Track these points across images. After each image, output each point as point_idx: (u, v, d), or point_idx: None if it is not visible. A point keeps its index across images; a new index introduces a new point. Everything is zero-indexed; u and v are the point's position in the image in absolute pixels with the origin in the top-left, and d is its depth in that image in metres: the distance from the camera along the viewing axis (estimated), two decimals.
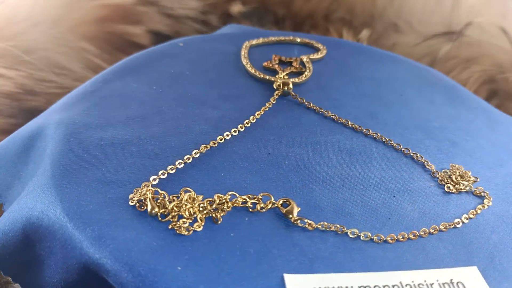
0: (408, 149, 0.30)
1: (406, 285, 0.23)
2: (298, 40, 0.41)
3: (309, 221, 0.25)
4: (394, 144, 0.31)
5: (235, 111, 0.32)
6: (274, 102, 0.33)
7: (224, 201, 0.25)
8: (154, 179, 0.26)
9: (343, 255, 0.24)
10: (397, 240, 0.25)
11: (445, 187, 0.28)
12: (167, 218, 0.24)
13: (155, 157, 0.28)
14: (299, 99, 0.33)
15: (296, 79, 0.35)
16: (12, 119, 0.40)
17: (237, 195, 0.25)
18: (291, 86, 0.33)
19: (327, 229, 0.25)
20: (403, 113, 0.34)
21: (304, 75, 0.35)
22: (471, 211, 0.27)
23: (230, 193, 0.25)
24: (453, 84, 0.39)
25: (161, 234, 0.23)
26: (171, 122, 0.30)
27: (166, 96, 0.33)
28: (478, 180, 0.29)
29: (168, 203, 0.25)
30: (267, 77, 0.35)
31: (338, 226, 0.25)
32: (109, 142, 0.28)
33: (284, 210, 0.25)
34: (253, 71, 0.35)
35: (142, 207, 0.24)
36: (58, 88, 0.42)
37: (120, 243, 0.22)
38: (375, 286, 0.22)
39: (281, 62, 0.37)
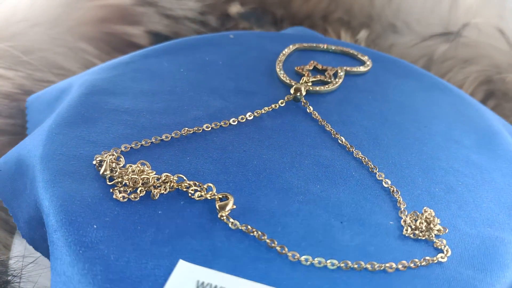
0: (388, 181, 0.28)
1: None
2: (344, 49, 0.39)
3: (234, 221, 0.25)
4: (378, 173, 0.29)
5: (240, 105, 0.32)
6: (281, 105, 0.33)
7: (169, 181, 0.26)
8: (126, 148, 0.28)
9: (249, 261, 0.23)
10: (312, 264, 0.23)
11: (404, 229, 0.26)
12: (113, 182, 0.26)
13: (141, 130, 0.30)
14: (308, 107, 0.33)
15: (317, 88, 0.34)
16: (11, 119, 0.40)
17: (185, 179, 0.26)
18: (303, 92, 0.33)
19: (248, 233, 0.24)
20: (411, 145, 0.31)
21: (327, 86, 0.34)
22: (415, 260, 0.24)
23: (178, 175, 0.26)
24: (495, 130, 0.34)
25: (100, 194, 0.26)
26: (175, 102, 0.32)
27: (186, 79, 0.35)
28: (446, 231, 0.26)
29: (119, 169, 0.26)
30: (288, 80, 0.35)
31: (260, 233, 0.24)
32: (111, 108, 0.31)
33: (218, 204, 0.25)
34: (279, 71, 0.35)
35: (99, 168, 0.27)
36: None
37: (62, 191, 0.25)
38: None
39: (315, 69, 0.36)
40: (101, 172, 0.26)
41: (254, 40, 0.40)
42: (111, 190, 0.26)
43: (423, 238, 0.25)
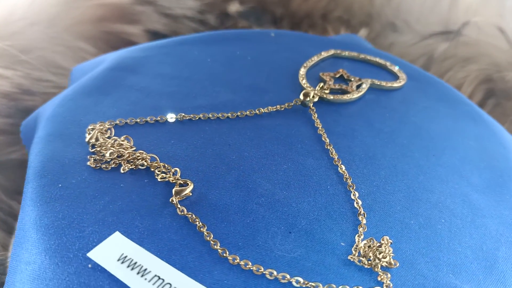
0: (359, 202, 0.27)
1: None
2: (381, 62, 0.38)
3: (182, 207, 0.25)
4: (353, 192, 0.27)
5: (247, 101, 0.33)
6: (287, 107, 0.32)
7: (142, 158, 0.28)
8: (121, 122, 0.30)
9: (180, 248, 0.24)
10: (239, 265, 0.23)
11: (351, 254, 0.24)
12: (93, 150, 0.28)
13: (144, 108, 0.31)
14: (314, 114, 0.32)
15: (332, 96, 0.33)
16: (9, 118, 0.39)
17: (157, 159, 0.28)
18: (314, 99, 0.32)
19: (192, 222, 0.25)
20: (407, 171, 0.29)
21: (342, 96, 0.33)
22: (346, 286, 0.23)
23: (152, 155, 0.28)
24: None
25: (78, 158, 0.28)
26: (186, 89, 0.34)
27: (207, 69, 0.36)
28: (396, 265, 0.24)
29: (102, 139, 0.28)
30: (304, 84, 0.34)
31: (201, 224, 0.25)
32: (126, 85, 0.33)
33: (175, 189, 0.26)
34: (301, 74, 0.35)
35: (87, 135, 0.29)
36: (55, 88, 0.42)
37: (49, 149, 0.28)
38: (168, 283, 0.22)
39: (341, 78, 0.36)
40: (86, 139, 0.29)
41: (294, 41, 0.40)
42: (88, 157, 0.28)
43: (368, 267, 0.24)
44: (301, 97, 0.32)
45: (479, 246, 0.26)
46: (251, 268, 0.23)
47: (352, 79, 0.35)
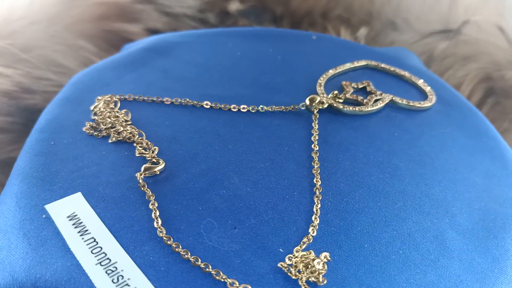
0: (318, 213, 0.26)
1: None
2: (413, 79, 0.36)
3: (143, 182, 0.27)
4: (316, 203, 0.27)
5: (257, 97, 0.33)
6: (292, 110, 0.32)
7: (130, 132, 0.30)
8: (130, 97, 0.33)
9: (126, 217, 0.25)
10: (170, 246, 0.24)
11: (283, 262, 0.24)
12: (93, 118, 0.31)
13: (157, 89, 0.34)
14: (315, 120, 0.32)
15: (341, 106, 0.32)
16: (10, 117, 0.39)
17: (143, 135, 0.30)
18: (318, 105, 0.32)
19: (147, 198, 0.26)
20: (387, 194, 0.28)
21: (352, 107, 0.33)
22: None
23: (140, 131, 0.30)
24: None
25: (78, 122, 0.31)
26: (203, 77, 0.35)
27: (233, 63, 0.37)
28: (323, 283, 0.23)
29: (104, 109, 0.31)
30: (319, 89, 0.34)
31: (154, 201, 0.26)
32: (153, 65, 0.36)
33: (145, 165, 0.28)
34: (321, 80, 0.35)
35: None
36: (55, 86, 0.42)
37: (58, 111, 0.32)
38: (100, 247, 0.24)
39: (364, 89, 0.35)
40: (91, 107, 0.31)
41: (334, 47, 0.39)
42: (86, 123, 0.30)
43: (294, 278, 0.23)
44: (307, 101, 0.32)
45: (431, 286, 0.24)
46: (180, 252, 0.24)
47: (373, 93, 0.34)
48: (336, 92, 0.33)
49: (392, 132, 0.32)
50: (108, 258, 0.23)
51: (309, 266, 0.23)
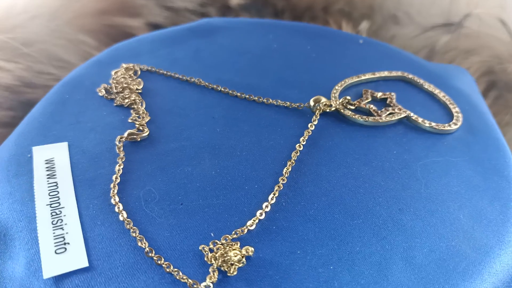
0: (268, 208, 0.26)
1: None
2: (445, 100, 0.34)
3: (120, 145, 0.29)
4: (271, 197, 0.27)
5: (267, 89, 0.34)
6: (297, 108, 0.32)
7: (133, 99, 0.32)
8: (151, 68, 0.36)
9: (93, 174, 0.28)
10: (118, 213, 0.26)
11: (205, 245, 0.24)
12: (110, 81, 0.34)
13: (181, 67, 0.36)
14: (313, 122, 0.31)
15: (346, 112, 0.32)
16: (11, 111, 0.40)
17: (143, 104, 0.32)
18: (321, 107, 0.32)
19: (118, 160, 0.29)
20: (350, 209, 0.27)
21: (356, 116, 0.32)
22: (176, 270, 0.23)
23: (143, 100, 0.33)
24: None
25: (97, 84, 0.34)
26: (228, 62, 0.36)
27: (265, 54, 0.37)
28: (233, 274, 0.23)
29: (123, 76, 0.34)
30: (333, 93, 0.33)
31: (122, 163, 0.28)
32: (192, 45, 0.38)
33: (131, 130, 0.30)
34: (340, 84, 0.34)
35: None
36: (56, 81, 0.42)
37: (87, 69, 0.36)
38: (58, 198, 0.27)
39: (384, 101, 0.33)
40: (113, 72, 0.35)
41: (378, 53, 0.38)
42: (101, 84, 0.34)
43: (208, 262, 0.23)
44: (311, 102, 0.32)
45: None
46: (119, 213, 0.25)
47: (392, 106, 0.32)
48: (348, 98, 0.32)
49: (391, 149, 0.30)
50: (58, 202, 0.26)
51: (226, 256, 0.23)
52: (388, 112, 0.32)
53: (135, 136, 0.29)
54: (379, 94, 0.33)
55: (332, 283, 0.23)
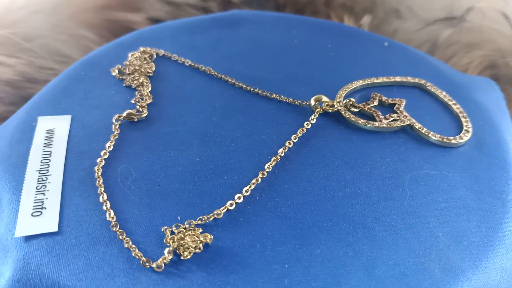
0: (240, 200, 0.27)
1: None
2: (458, 113, 0.33)
3: (117, 124, 0.31)
4: (246, 189, 0.27)
5: (275, 84, 0.34)
6: (299, 105, 0.32)
7: (142, 81, 0.34)
8: (167, 54, 0.37)
9: (86, 148, 0.30)
10: (98, 188, 0.28)
11: (168, 227, 0.25)
12: (125, 63, 0.36)
13: (198, 55, 0.37)
14: (312, 120, 0.31)
15: (347, 115, 0.31)
16: (13, 106, 0.40)
17: (149, 88, 0.34)
18: (326, 106, 0.32)
19: (111, 137, 0.30)
20: (325, 210, 0.27)
21: (355, 119, 0.31)
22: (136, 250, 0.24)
23: (150, 84, 0.34)
24: None
25: (114, 64, 0.36)
26: (243, 55, 0.37)
27: (284, 47, 0.38)
28: (186, 258, 0.24)
29: (134, 58, 0.36)
30: (339, 94, 0.33)
31: (113, 141, 0.30)
32: (213, 35, 0.39)
33: (130, 110, 0.32)
34: (349, 86, 0.34)
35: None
36: None
37: (109, 50, 0.38)
38: (48, 169, 0.28)
39: (391, 106, 0.33)
40: (129, 54, 0.36)
41: (401, 58, 0.37)
42: (116, 65, 0.36)
43: (166, 243, 0.24)
44: (312, 100, 0.32)
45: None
46: (98, 186, 0.27)
47: (398, 113, 0.32)
48: (353, 100, 0.32)
49: (385, 156, 0.29)
50: (47, 170, 0.28)
51: (183, 240, 0.24)
52: (391, 119, 0.31)
53: (133, 116, 0.31)
54: (388, 100, 0.33)
55: (283, 281, 0.23)
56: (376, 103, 0.33)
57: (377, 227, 0.26)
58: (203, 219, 0.25)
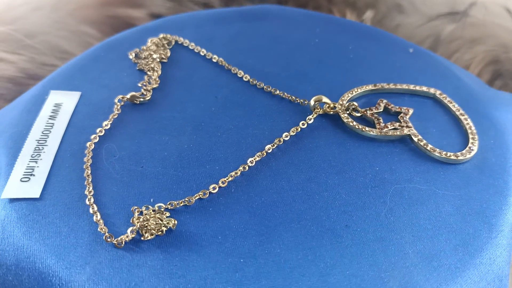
0: (215, 190, 0.27)
1: None
2: (467, 128, 0.31)
3: (120, 105, 0.32)
4: (223, 180, 0.27)
5: (283, 80, 0.34)
6: (300, 103, 0.32)
7: (153, 65, 0.35)
8: (184, 42, 0.38)
9: (87, 123, 0.31)
10: (84, 162, 0.29)
11: (137, 207, 0.26)
12: (143, 47, 0.37)
13: (215, 44, 0.38)
14: (308, 120, 0.31)
15: (345, 119, 0.31)
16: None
17: (157, 73, 0.35)
18: (327, 108, 0.31)
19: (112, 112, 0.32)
20: (296, 210, 0.27)
21: (356, 124, 0.31)
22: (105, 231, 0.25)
23: (159, 68, 0.35)
24: None
25: (134, 48, 0.38)
26: (259, 50, 0.37)
27: (301, 45, 0.37)
28: (147, 238, 0.25)
29: (154, 45, 0.37)
30: (345, 96, 0.32)
31: (109, 123, 0.31)
32: (230, 27, 0.39)
33: (134, 93, 0.33)
34: (357, 90, 0.33)
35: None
36: None
37: (132, 33, 0.39)
38: (45, 145, 0.30)
39: (396, 114, 0.31)
40: (149, 39, 0.37)
41: (423, 66, 0.35)
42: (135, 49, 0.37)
43: (132, 222, 0.25)
44: (311, 101, 0.32)
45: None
46: (85, 168, 0.28)
47: (401, 122, 0.31)
48: (355, 104, 0.31)
49: (374, 165, 0.29)
50: (45, 140, 0.30)
51: (147, 221, 0.24)
52: (392, 127, 0.30)
53: (135, 99, 0.32)
54: (395, 107, 0.32)
55: (234, 274, 0.23)
56: (381, 109, 0.32)
57: (345, 235, 0.25)
58: (173, 204, 0.26)
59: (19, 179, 0.27)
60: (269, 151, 0.29)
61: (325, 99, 0.31)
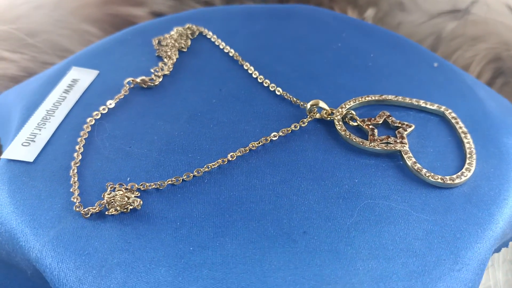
0: (193, 174, 0.28)
1: None
2: (466, 148, 0.30)
3: (128, 86, 0.33)
4: (200, 171, 0.28)
5: (290, 80, 0.35)
6: (300, 106, 0.32)
7: (166, 51, 0.37)
8: (208, 34, 0.39)
9: (96, 99, 0.33)
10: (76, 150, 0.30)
11: (111, 183, 0.27)
12: (166, 35, 0.38)
13: (235, 39, 0.38)
14: (302, 123, 0.31)
15: (339, 126, 0.30)
16: None
17: (173, 60, 0.36)
18: (325, 113, 0.31)
19: (115, 98, 0.33)
20: (261, 210, 0.27)
21: (348, 133, 0.30)
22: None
23: (174, 59, 0.36)
24: None
25: (159, 34, 0.39)
26: (275, 48, 0.37)
27: (322, 48, 0.37)
28: (111, 213, 0.26)
29: (177, 34, 0.38)
30: (349, 102, 0.32)
31: (114, 102, 0.32)
32: (256, 24, 0.40)
33: (144, 77, 0.34)
34: (362, 99, 0.33)
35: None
36: None
37: (154, 24, 0.40)
38: (57, 108, 0.32)
39: (396, 128, 0.31)
40: (174, 28, 0.38)
41: (443, 82, 0.34)
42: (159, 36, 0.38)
43: (102, 197, 0.26)
44: (308, 104, 0.31)
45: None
46: (79, 141, 0.30)
47: (397, 137, 0.30)
48: (353, 112, 0.31)
49: (354, 177, 0.28)
50: (54, 110, 0.32)
51: (115, 198, 0.25)
52: (385, 141, 0.29)
53: (144, 83, 0.33)
54: (395, 121, 0.31)
55: (180, 260, 0.24)
56: (380, 121, 0.31)
57: (300, 241, 0.25)
58: (145, 185, 0.27)
59: (20, 143, 0.29)
60: (252, 148, 0.29)
61: (322, 104, 0.31)
